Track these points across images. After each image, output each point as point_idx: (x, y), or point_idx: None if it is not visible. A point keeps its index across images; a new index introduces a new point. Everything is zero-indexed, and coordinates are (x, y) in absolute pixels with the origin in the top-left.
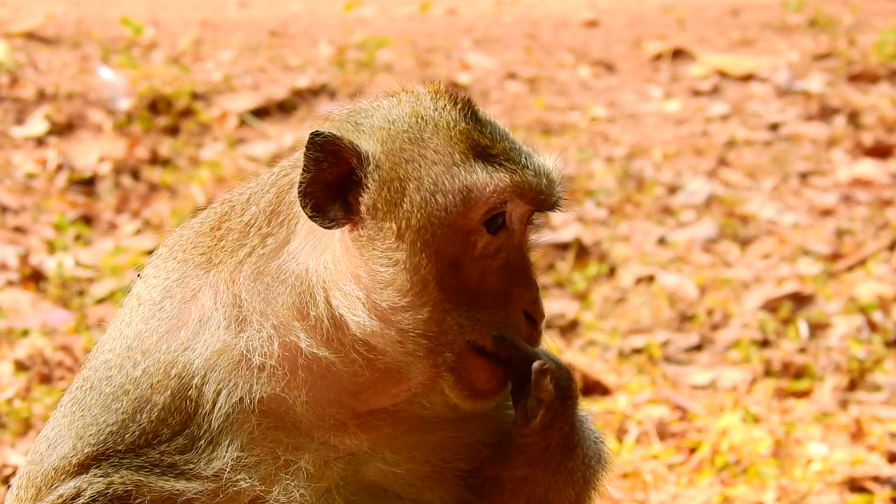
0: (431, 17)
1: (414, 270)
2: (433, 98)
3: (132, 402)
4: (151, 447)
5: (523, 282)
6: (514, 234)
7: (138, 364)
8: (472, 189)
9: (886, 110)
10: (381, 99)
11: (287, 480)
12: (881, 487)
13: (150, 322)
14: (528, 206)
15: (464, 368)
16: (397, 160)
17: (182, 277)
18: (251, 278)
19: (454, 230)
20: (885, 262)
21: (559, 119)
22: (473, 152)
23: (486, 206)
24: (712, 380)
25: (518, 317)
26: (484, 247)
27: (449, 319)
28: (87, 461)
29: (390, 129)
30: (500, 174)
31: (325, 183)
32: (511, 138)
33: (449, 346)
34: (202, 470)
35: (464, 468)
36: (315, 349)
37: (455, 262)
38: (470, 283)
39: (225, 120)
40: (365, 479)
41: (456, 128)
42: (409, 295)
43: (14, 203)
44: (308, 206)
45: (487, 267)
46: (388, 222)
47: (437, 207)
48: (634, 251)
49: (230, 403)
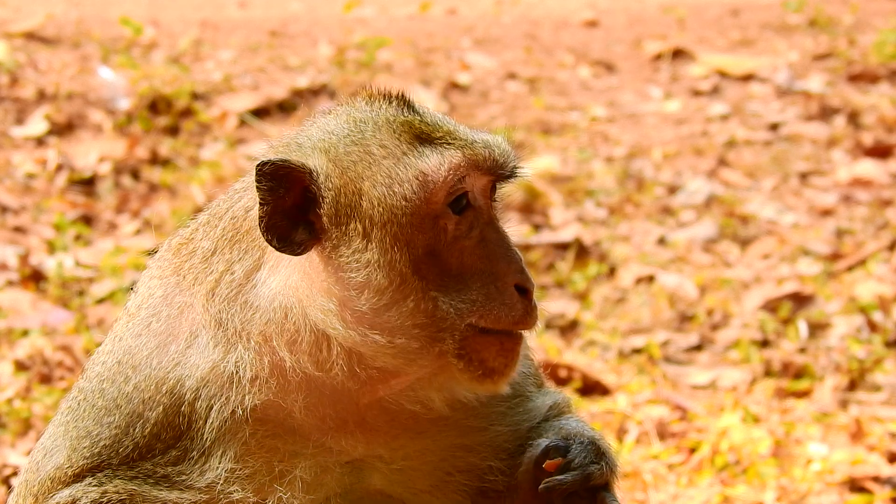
0: (431, 17)
1: (389, 266)
2: (367, 101)
3: (124, 417)
4: (145, 459)
5: (504, 256)
6: (481, 210)
7: (129, 379)
8: (426, 173)
9: (886, 110)
10: (316, 117)
11: (281, 492)
12: (881, 487)
13: (139, 337)
14: (486, 177)
15: (471, 350)
16: (346, 164)
17: (165, 294)
18: (226, 302)
19: (420, 218)
20: (885, 262)
21: (559, 119)
22: (419, 140)
23: (446, 187)
24: (712, 380)
25: (510, 293)
26: (455, 228)
27: (442, 306)
28: (81, 472)
29: (331, 139)
30: (451, 152)
31: (284, 211)
32: (453, 122)
33: (449, 333)
34: (195, 481)
35: (468, 484)
36: (301, 367)
37: (430, 250)
38: (452, 267)
39: (225, 120)
40: (370, 487)
41: (396, 121)
42: (388, 292)
43: (14, 203)
44: (273, 239)
45: (465, 248)
46: (353, 224)
47: (396, 198)
48: (634, 251)
49: (222, 417)
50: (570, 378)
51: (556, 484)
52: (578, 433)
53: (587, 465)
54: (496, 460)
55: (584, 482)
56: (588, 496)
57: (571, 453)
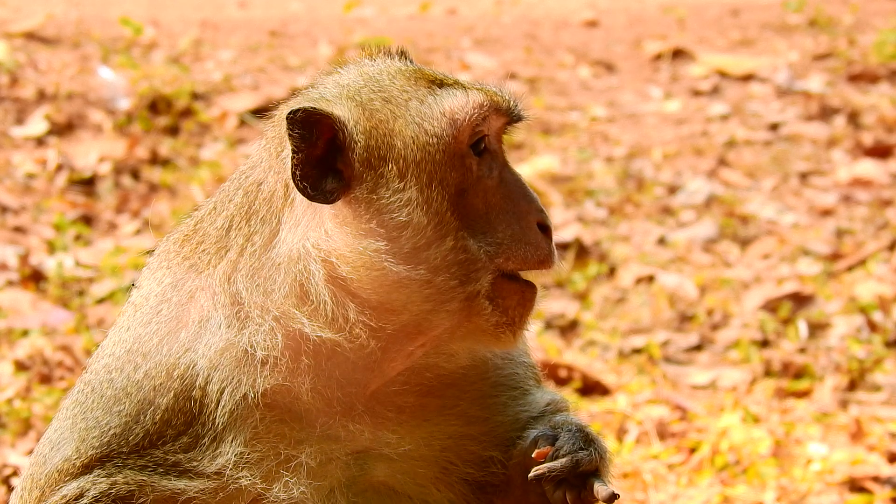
0: (431, 17)
1: (427, 204)
2: (371, 58)
3: (135, 404)
4: (155, 447)
5: (524, 195)
6: (496, 154)
7: (139, 367)
8: (454, 110)
9: (886, 110)
10: (320, 77)
11: (287, 477)
12: (881, 487)
13: (149, 325)
14: (502, 120)
15: (499, 295)
16: (373, 109)
17: (175, 281)
18: (248, 274)
19: (451, 155)
20: (885, 262)
21: (559, 119)
22: (436, 84)
23: (471, 126)
24: (712, 380)
25: (534, 231)
26: (478, 168)
27: (473, 247)
28: (90, 463)
29: (351, 89)
30: (474, 93)
31: (314, 160)
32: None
33: (483, 272)
34: (205, 467)
35: (471, 474)
36: (319, 332)
37: (460, 189)
38: (479, 207)
39: (225, 120)
40: (374, 479)
41: (408, 70)
42: (428, 230)
43: (14, 203)
44: (306, 188)
45: (488, 188)
46: (389, 165)
47: (428, 136)
48: (634, 251)
49: (234, 400)
50: (570, 378)
51: (545, 472)
52: (566, 422)
53: (576, 452)
54: (496, 451)
55: (574, 468)
56: (578, 483)
57: (560, 441)
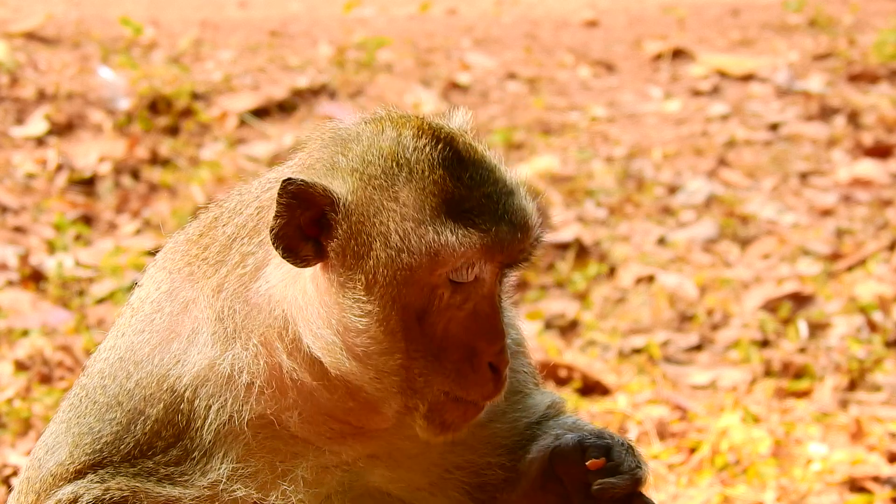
0: (431, 17)
1: (385, 321)
2: (415, 136)
3: (126, 413)
4: (146, 457)
5: (488, 334)
6: (482, 283)
7: (131, 376)
8: (439, 252)
9: (886, 110)
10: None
11: (285, 487)
12: (881, 487)
13: (142, 334)
14: (498, 262)
15: (438, 413)
16: (367, 211)
17: (171, 290)
18: (233, 297)
19: (420, 285)
20: (885, 262)
21: (559, 119)
22: (446, 206)
23: (453, 267)
24: (712, 380)
25: (483, 371)
26: (450, 298)
27: (415, 370)
28: (84, 468)
29: (363, 173)
30: (471, 237)
31: (298, 225)
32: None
33: (420, 396)
34: (197, 481)
35: (467, 481)
36: (297, 375)
37: (422, 314)
38: (435, 333)
39: (225, 120)
40: (370, 484)
41: (431, 177)
42: (381, 343)
43: (14, 203)
44: (280, 247)
45: (452, 317)
46: (357, 273)
47: (402, 266)
48: (634, 251)
49: (220, 420)
50: (570, 378)
51: (608, 486)
52: (608, 433)
53: (635, 470)
54: (494, 456)
55: (635, 486)
56: (625, 498)
57: (615, 455)
